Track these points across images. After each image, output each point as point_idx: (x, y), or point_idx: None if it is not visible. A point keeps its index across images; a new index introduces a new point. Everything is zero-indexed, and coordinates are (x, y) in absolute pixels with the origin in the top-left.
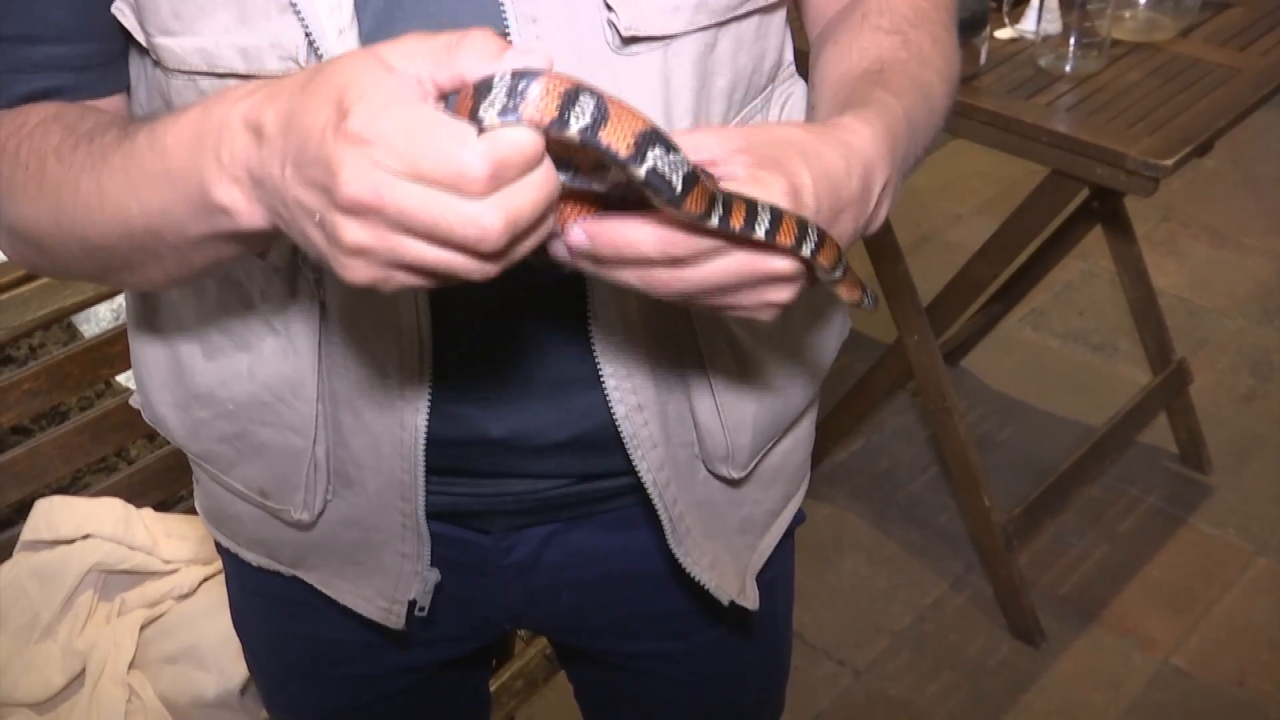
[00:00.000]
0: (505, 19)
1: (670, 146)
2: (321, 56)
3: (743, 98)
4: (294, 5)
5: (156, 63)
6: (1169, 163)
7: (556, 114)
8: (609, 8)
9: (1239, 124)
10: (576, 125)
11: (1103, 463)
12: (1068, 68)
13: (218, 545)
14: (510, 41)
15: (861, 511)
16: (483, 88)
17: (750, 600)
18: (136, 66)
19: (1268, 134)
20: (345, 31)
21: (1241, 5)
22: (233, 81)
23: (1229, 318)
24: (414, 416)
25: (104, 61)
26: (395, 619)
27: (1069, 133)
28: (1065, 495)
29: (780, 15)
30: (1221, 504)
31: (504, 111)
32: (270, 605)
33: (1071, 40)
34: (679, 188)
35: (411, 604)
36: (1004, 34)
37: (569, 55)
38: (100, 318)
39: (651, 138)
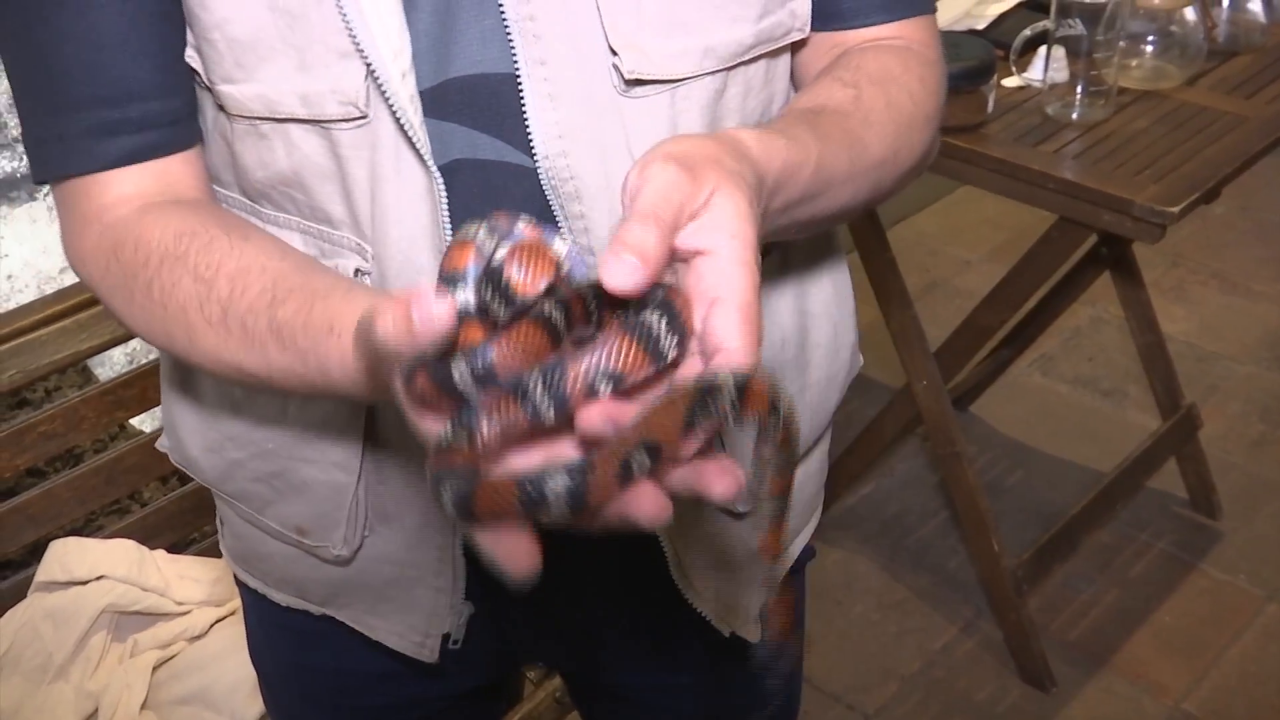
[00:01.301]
0: (516, 63)
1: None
2: (387, 97)
3: None
4: (360, 50)
5: (220, 107)
6: (1176, 210)
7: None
8: (613, 52)
9: (1246, 171)
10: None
11: (1112, 508)
12: (1074, 115)
13: (238, 580)
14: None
15: (871, 556)
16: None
17: (752, 633)
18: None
19: (1276, 181)
20: (407, 75)
21: (1248, 53)
22: (292, 126)
23: (1239, 364)
24: None
25: (187, 114)
26: (429, 653)
27: (1076, 180)
28: (1075, 540)
29: (786, 59)
30: (1232, 549)
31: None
32: (290, 637)
33: (1078, 88)
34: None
35: (444, 637)
36: (1011, 82)
37: (577, 98)
38: (114, 361)
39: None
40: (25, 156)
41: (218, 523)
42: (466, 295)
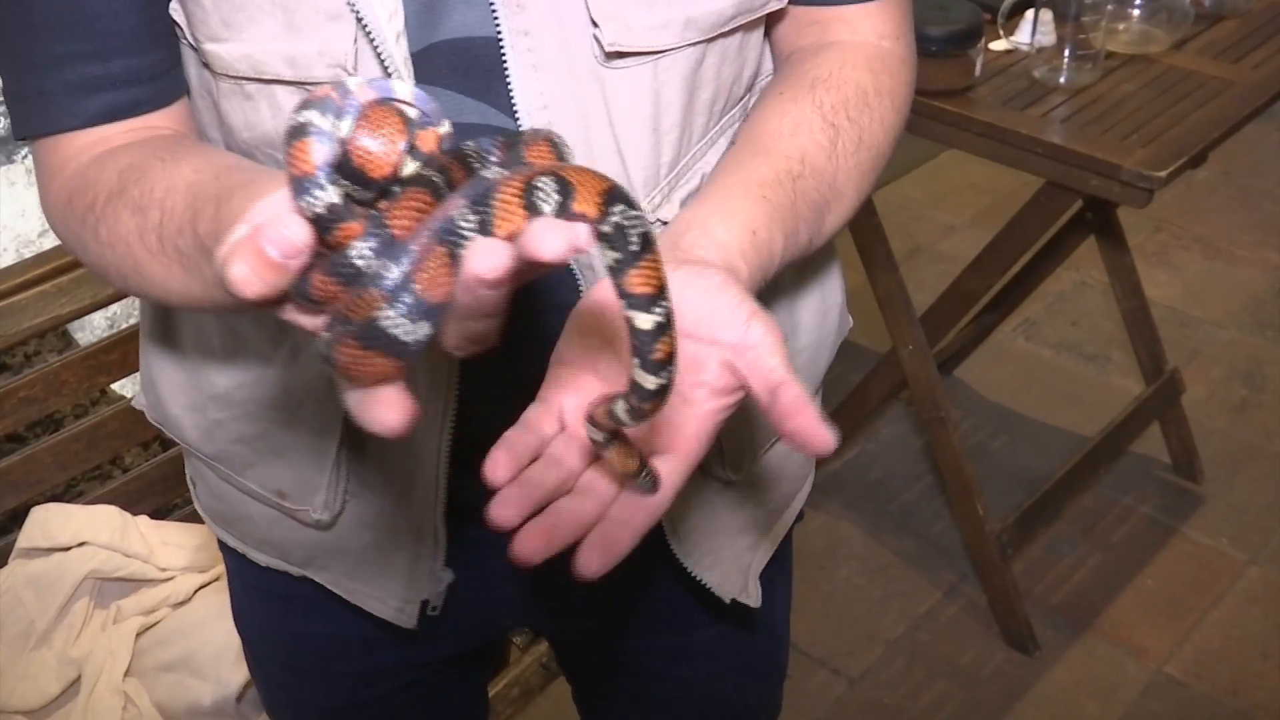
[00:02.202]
0: (500, 33)
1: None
2: (383, 59)
3: (723, 108)
4: (355, 11)
5: (205, 65)
6: (1163, 174)
7: None
8: (594, 24)
9: (1232, 136)
10: None
11: (1096, 472)
12: (1062, 79)
13: (221, 543)
14: None
15: (856, 521)
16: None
17: (753, 598)
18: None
19: (1260, 146)
20: (401, 36)
21: (1234, 18)
22: (278, 88)
23: (1221, 329)
24: (438, 422)
25: (169, 68)
26: (408, 619)
27: (1063, 144)
28: (1058, 505)
29: (759, 31)
30: (1214, 513)
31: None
32: (273, 601)
33: (1066, 52)
34: None
35: (424, 603)
36: (998, 46)
37: (560, 68)
38: (95, 326)
39: None
40: (3, 119)
41: (189, 483)
42: (328, 197)
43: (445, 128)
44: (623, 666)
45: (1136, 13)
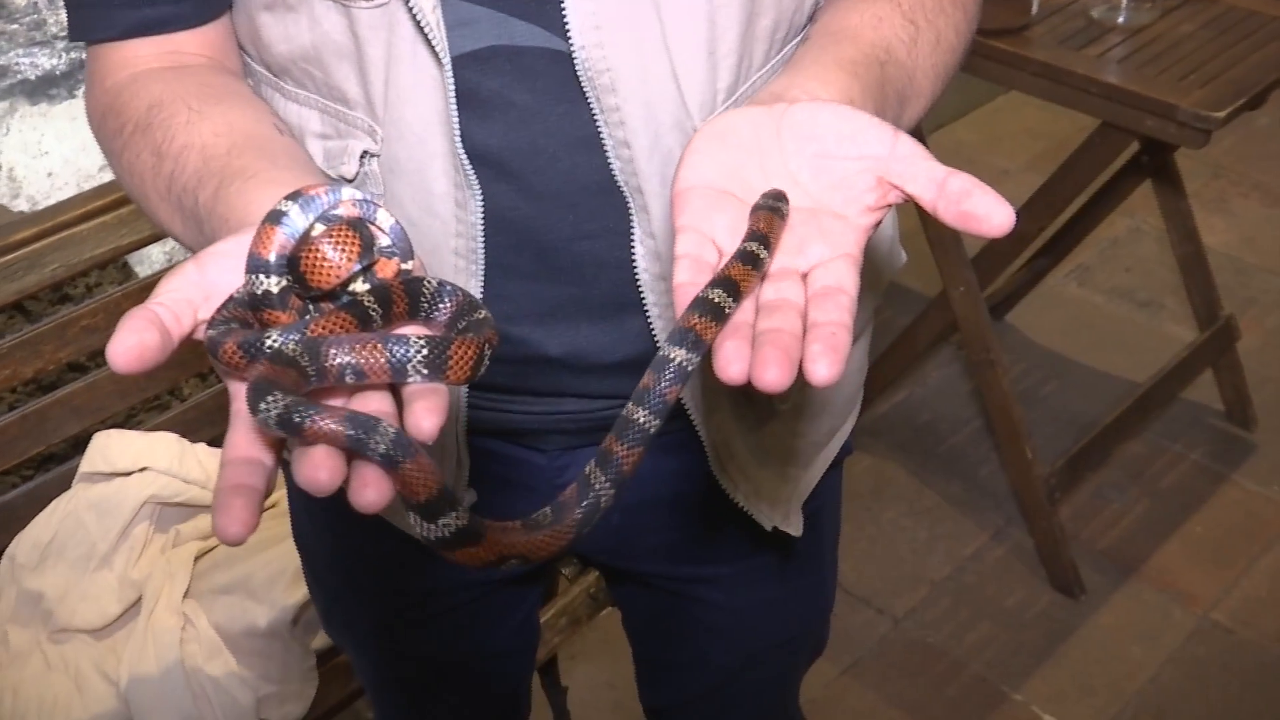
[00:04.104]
0: None
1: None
2: None
3: (784, 36)
4: None
5: None
6: (1221, 114)
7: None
8: None
9: None
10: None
11: (1146, 418)
12: (1120, 19)
13: (283, 462)
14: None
15: (903, 463)
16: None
17: (794, 527)
18: None
19: None
20: None
21: None
22: (316, 1)
23: (1278, 276)
24: None
25: None
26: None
27: (1120, 84)
28: (1107, 450)
29: None
30: (1266, 461)
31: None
32: (330, 518)
33: None
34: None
35: None
36: None
37: None
38: (153, 260)
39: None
40: (64, 55)
41: None
42: (268, 284)
43: (409, 264)
44: (670, 594)
45: None
